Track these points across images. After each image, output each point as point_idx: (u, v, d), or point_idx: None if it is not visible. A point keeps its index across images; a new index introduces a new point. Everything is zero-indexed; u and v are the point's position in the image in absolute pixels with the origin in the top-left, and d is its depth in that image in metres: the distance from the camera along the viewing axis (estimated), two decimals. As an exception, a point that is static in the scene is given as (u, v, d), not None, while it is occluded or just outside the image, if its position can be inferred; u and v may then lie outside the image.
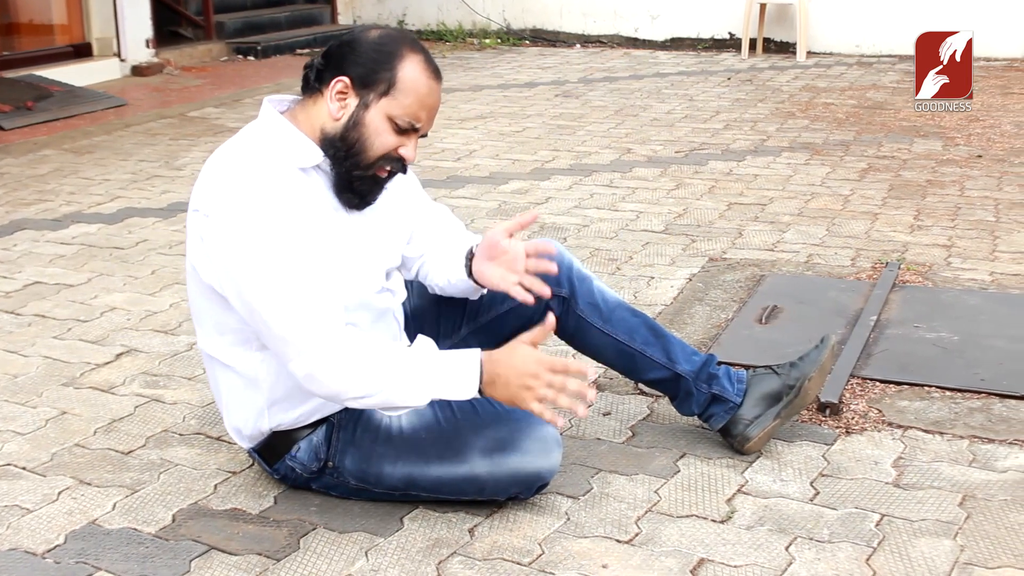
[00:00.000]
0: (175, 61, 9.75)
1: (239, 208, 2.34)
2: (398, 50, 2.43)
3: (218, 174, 2.41)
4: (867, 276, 4.17)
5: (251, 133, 2.48)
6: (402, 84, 2.42)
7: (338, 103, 2.43)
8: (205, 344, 2.59)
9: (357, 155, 2.44)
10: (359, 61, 2.42)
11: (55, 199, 5.61)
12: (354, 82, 2.42)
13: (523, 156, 6.37)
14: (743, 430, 2.81)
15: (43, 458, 2.91)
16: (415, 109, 2.44)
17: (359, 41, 2.45)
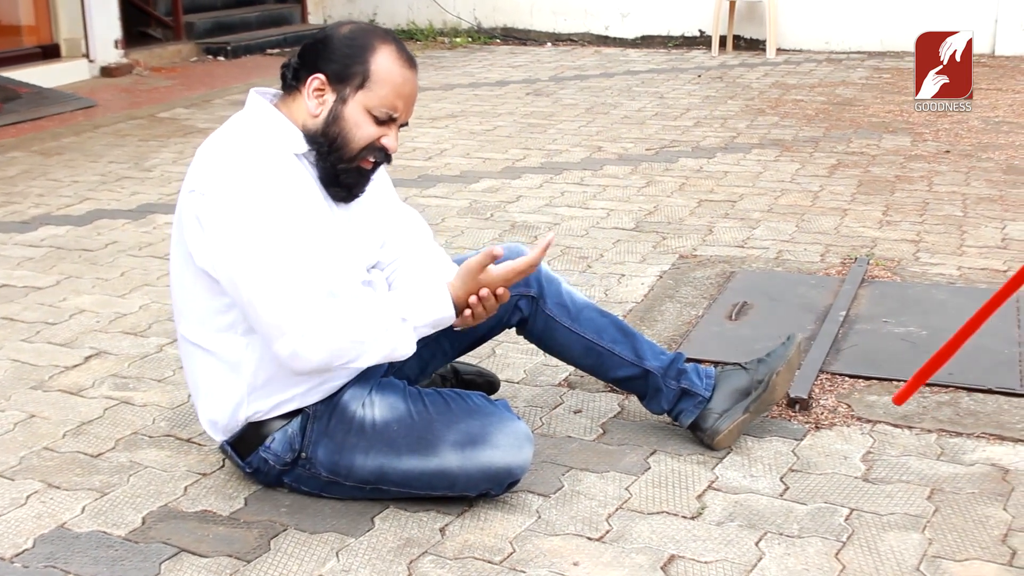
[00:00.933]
0: (144, 62, 9.70)
1: (235, 186, 2.37)
2: (370, 43, 2.48)
3: (213, 156, 2.45)
4: (836, 272, 4.19)
5: (242, 121, 2.52)
6: (376, 76, 2.47)
7: (316, 100, 2.49)
8: (188, 331, 2.59)
9: (340, 149, 2.49)
10: (332, 57, 2.48)
11: (23, 201, 5.57)
12: (329, 78, 2.48)
13: (494, 155, 6.37)
14: (713, 424, 2.82)
15: (11, 462, 2.89)
16: (391, 99, 2.49)
17: (331, 38, 2.50)
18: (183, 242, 2.50)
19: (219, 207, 2.38)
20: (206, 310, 2.53)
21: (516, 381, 3.30)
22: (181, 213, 2.49)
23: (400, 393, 2.59)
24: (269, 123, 2.50)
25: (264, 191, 2.38)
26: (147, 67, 9.66)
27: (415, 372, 2.85)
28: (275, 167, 2.42)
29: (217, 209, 2.38)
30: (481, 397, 2.62)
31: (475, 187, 5.64)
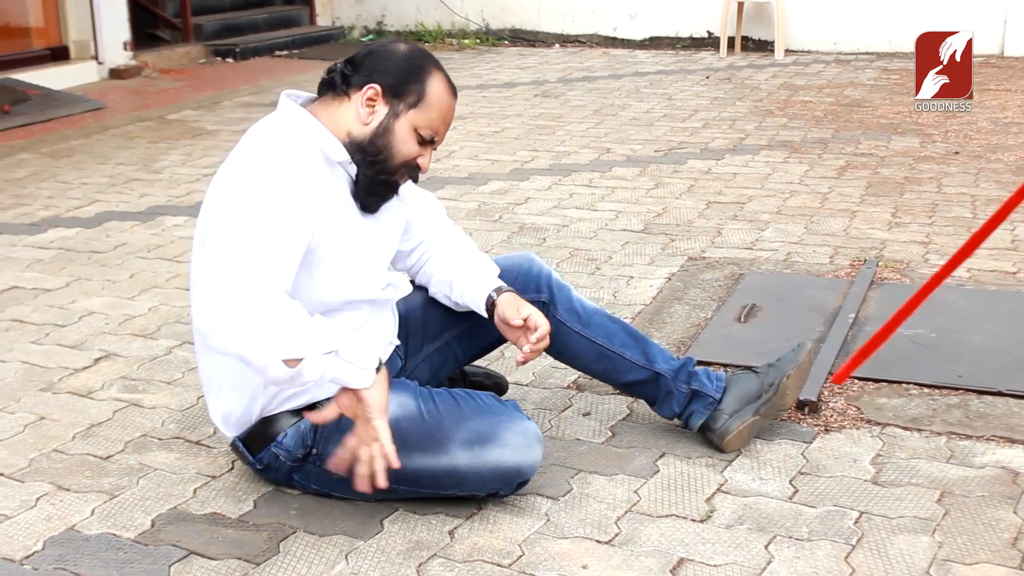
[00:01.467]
0: (153, 63, 9.72)
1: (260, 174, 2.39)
2: (427, 66, 2.56)
3: (248, 154, 2.45)
4: (845, 274, 4.19)
5: (276, 124, 2.52)
6: (429, 98, 2.54)
7: (368, 109, 2.52)
8: None
9: (384, 161, 2.53)
10: (391, 71, 2.52)
11: (33, 203, 5.58)
12: (385, 90, 2.52)
13: (502, 156, 6.37)
14: (723, 424, 2.82)
15: (21, 464, 2.90)
16: (437, 123, 2.57)
17: (391, 52, 2.55)
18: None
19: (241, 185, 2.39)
20: None
21: (525, 383, 3.30)
22: (209, 215, 2.47)
23: (411, 392, 2.60)
24: (304, 128, 2.51)
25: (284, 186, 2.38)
26: (156, 69, 9.68)
27: (426, 377, 2.86)
28: (307, 171, 2.43)
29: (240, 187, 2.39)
30: (491, 396, 2.63)
31: (484, 189, 5.64)
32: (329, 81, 2.57)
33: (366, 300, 2.61)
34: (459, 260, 2.84)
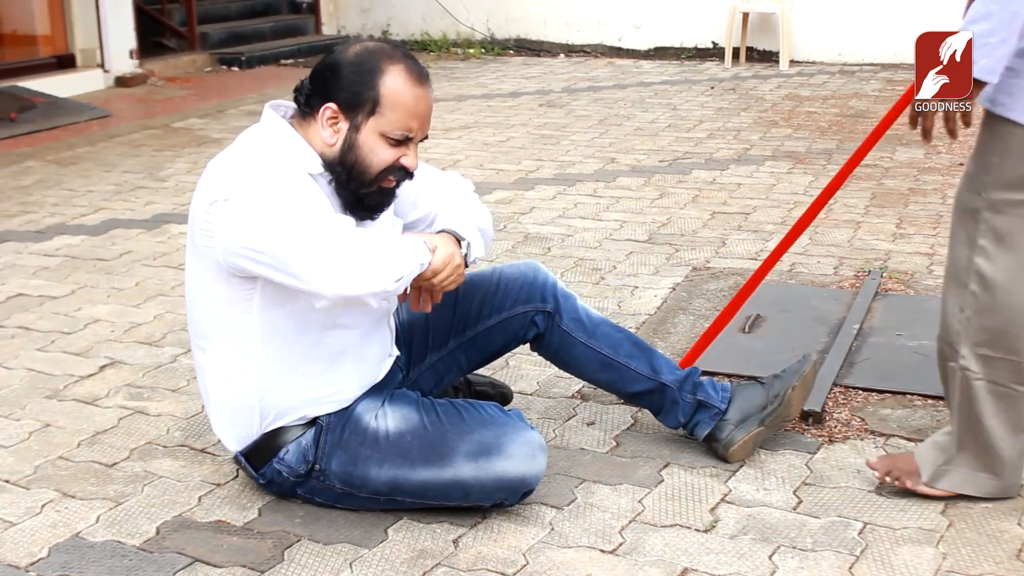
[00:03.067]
0: (159, 72, 9.74)
1: (259, 188, 2.39)
2: (377, 65, 2.46)
3: (232, 166, 2.45)
4: (850, 284, 4.19)
5: (257, 136, 2.52)
6: (387, 99, 2.46)
7: (330, 129, 2.49)
8: (201, 341, 2.60)
9: (359, 176, 2.49)
10: (342, 85, 2.46)
11: (39, 211, 5.60)
12: (341, 107, 2.47)
13: (507, 166, 6.38)
14: (728, 434, 2.83)
15: (26, 471, 2.90)
16: (405, 121, 2.48)
17: (339, 63, 2.48)
18: (200, 254, 2.50)
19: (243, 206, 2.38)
20: (219, 321, 2.54)
21: (529, 393, 3.30)
22: (199, 225, 2.48)
23: (413, 404, 2.60)
24: (284, 142, 2.49)
25: (285, 189, 2.39)
26: (162, 77, 9.70)
27: (430, 385, 2.86)
28: (292, 175, 2.44)
29: (242, 209, 2.38)
30: (494, 407, 2.63)
31: (488, 198, 5.64)
32: (296, 100, 2.54)
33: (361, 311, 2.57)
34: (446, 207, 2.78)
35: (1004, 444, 2.59)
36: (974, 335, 2.55)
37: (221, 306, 2.51)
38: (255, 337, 2.51)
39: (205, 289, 2.53)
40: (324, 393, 2.57)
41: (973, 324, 2.54)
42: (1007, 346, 2.52)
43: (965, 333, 2.56)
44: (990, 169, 2.52)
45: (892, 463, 2.72)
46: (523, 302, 2.81)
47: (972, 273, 2.53)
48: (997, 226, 2.49)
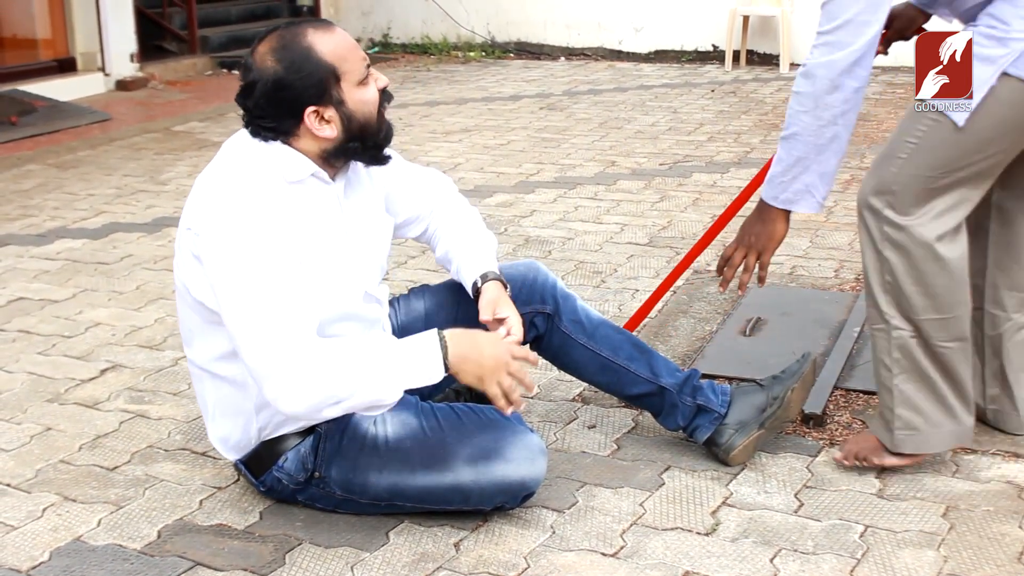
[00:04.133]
0: (159, 75, 9.75)
1: (227, 226, 2.37)
2: (303, 50, 2.45)
3: (207, 193, 2.44)
4: (850, 287, 4.19)
5: (237, 148, 2.51)
6: (336, 62, 2.46)
7: (325, 125, 2.48)
8: (194, 356, 2.60)
9: (369, 129, 2.53)
10: (298, 88, 2.44)
11: (39, 214, 5.60)
12: (317, 102, 2.46)
13: (508, 169, 6.38)
14: (728, 439, 2.82)
15: (27, 475, 2.90)
16: (354, 61, 2.49)
17: (278, 77, 2.43)
18: (178, 274, 2.52)
19: (213, 246, 2.37)
20: (206, 336, 2.54)
21: (530, 396, 3.30)
22: (180, 247, 2.50)
23: (412, 409, 2.59)
24: (265, 152, 2.47)
25: (255, 228, 2.36)
26: (162, 81, 9.71)
27: (429, 388, 2.85)
28: (265, 203, 2.40)
29: (211, 248, 2.38)
30: (494, 411, 2.61)
31: (489, 201, 5.65)
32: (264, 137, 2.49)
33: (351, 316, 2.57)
34: (456, 238, 2.83)
35: (947, 394, 2.72)
36: (898, 299, 2.68)
37: (205, 324, 2.52)
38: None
39: (189, 306, 2.53)
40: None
41: (897, 289, 2.67)
42: (933, 307, 2.66)
43: (891, 296, 2.68)
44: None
45: (855, 445, 2.81)
46: (523, 303, 2.81)
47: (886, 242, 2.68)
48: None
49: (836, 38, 2.58)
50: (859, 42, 2.56)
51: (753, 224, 2.86)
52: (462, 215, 2.88)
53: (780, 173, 2.73)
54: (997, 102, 2.54)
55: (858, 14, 2.55)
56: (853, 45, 2.56)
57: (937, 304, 2.66)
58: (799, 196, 2.73)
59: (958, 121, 2.56)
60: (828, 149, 2.66)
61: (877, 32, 2.58)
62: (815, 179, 2.70)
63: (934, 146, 2.60)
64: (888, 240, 2.65)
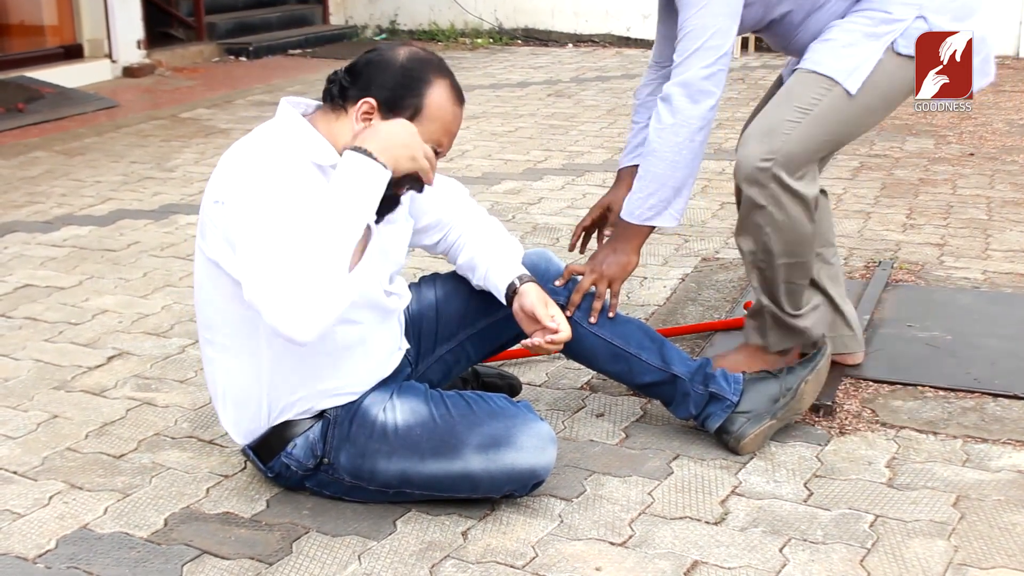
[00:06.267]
0: (166, 62, 9.74)
1: (251, 190, 2.33)
2: (427, 76, 2.45)
3: (236, 165, 2.41)
4: (860, 275, 4.17)
5: (269, 129, 2.48)
6: (428, 111, 2.44)
7: (363, 124, 2.44)
8: (209, 336, 2.58)
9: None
10: (387, 84, 2.43)
11: (46, 201, 5.59)
12: (380, 105, 2.43)
13: (515, 156, 6.36)
14: (739, 428, 2.81)
15: (34, 462, 2.90)
16: (439, 135, 2.47)
17: (388, 62, 2.45)
18: (205, 249, 2.49)
19: (237, 206, 2.34)
20: (226, 315, 2.52)
21: (538, 384, 3.29)
22: (204, 222, 2.47)
23: (422, 396, 2.58)
24: (296, 134, 2.45)
25: (278, 189, 2.32)
26: (169, 67, 9.70)
27: (438, 377, 2.85)
28: (296, 175, 2.38)
29: (235, 208, 2.34)
30: (503, 399, 2.61)
31: (497, 189, 5.63)
32: (328, 92, 2.50)
33: (371, 305, 2.55)
34: (482, 243, 2.81)
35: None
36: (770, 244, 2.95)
37: (228, 301, 2.49)
38: (261, 331, 2.47)
39: (212, 283, 2.50)
40: (332, 386, 2.55)
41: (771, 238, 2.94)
42: (799, 252, 2.98)
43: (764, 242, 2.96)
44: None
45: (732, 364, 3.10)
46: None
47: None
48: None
49: (688, 65, 2.80)
50: (710, 63, 2.80)
51: (607, 254, 2.93)
52: (486, 224, 2.86)
53: (637, 191, 2.89)
54: (883, 73, 2.84)
55: (707, 41, 2.78)
56: (704, 64, 2.80)
57: (802, 250, 2.96)
58: (656, 211, 2.89)
59: (851, 89, 2.83)
60: (685, 165, 2.85)
61: (727, 54, 2.82)
62: (670, 194, 2.87)
63: (825, 112, 2.85)
64: (774, 200, 2.86)
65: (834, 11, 2.92)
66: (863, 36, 2.84)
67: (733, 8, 2.79)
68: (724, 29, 2.78)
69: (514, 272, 2.74)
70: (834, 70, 2.84)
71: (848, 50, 2.85)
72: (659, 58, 3.25)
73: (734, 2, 2.79)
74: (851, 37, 2.86)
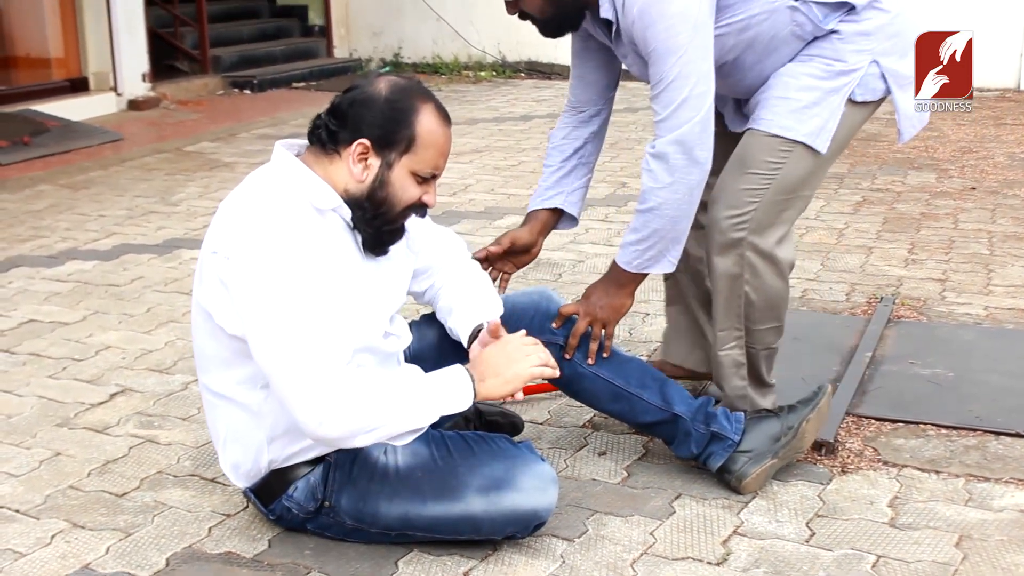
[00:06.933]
0: (171, 95, 9.78)
1: (258, 249, 2.34)
2: (412, 104, 2.46)
3: (236, 216, 2.41)
4: (862, 311, 4.17)
5: (266, 175, 2.49)
6: (421, 139, 2.45)
7: (361, 165, 2.45)
8: (208, 381, 2.59)
9: (387, 212, 2.48)
10: (376, 122, 2.44)
11: (51, 235, 5.61)
12: (374, 144, 2.44)
13: (518, 191, 6.38)
14: (741, 467, 2.81)
15: (36, 500, 2.90)
16: (435, 159, 2.49)
17: (371, 99, 2.45)
18: (200, 298, 2.49)
19: (243, 272, 2.34)
20: (225, 362, 2.52)
21: (540, 422, 3.29)
22: (203, 272, 2.47)
23: (423, 438, 2.57)
24: (295, 179, 2.46)
25: (288, 254, 2.33)
26: (174, 100, 9.74)
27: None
28: (299, 227, 2.38)
29: (241, 274, 2.35)
30: (504, 439, 2.61)
31: (499, 223, 5.64)
32: (315, 135, 2.51)
33: (368, 349, 2.55)
34: (463, 291, 2.80)
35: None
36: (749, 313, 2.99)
37: (225, 350, 2.49)
38: (259, 380, 2.48)
39: (208, 331, 2.51)
40: None
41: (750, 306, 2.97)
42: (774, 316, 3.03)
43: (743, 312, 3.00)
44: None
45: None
46: (535, 332, 2.79)
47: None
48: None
49: (678, 118, 2.72)
50: (700, 113, 2.71)
51: (600, 296, 2.92)
52: (468, 272, 2.86)
53: (635, 242, 2.88)
54: (844, 125, 2.88)
55: (692, 89, 2.70)
56: (696, 117, 2.71)
57: (780, 312, 3.00)
58: (654, 261, 2.88)
59: (822, 150, 2.86)
60: (684, 217, 2.81)
61: (712, 96, 2.73)
62: (669, 244, 2.85)
63: (792, 173, 2.86)
64: (750, 266, 2.88)
65: (784, 55, 2.88)
66: (825, 93, 2.83)
67: (708, 50, 2.72)
68: (705, 73, 2.72)
69: (482, 318, 2.73)
70: (803, 134, 2.83)
71: (812, 110, 2.83)
72: (577, 103, 3.18)
73: (707, 44, 2.72)
74: (812, 96, 2.83)
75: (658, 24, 2.67)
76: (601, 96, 3.16)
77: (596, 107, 3.17)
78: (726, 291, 2.93)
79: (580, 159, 3.19)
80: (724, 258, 2.89)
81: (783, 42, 2.85)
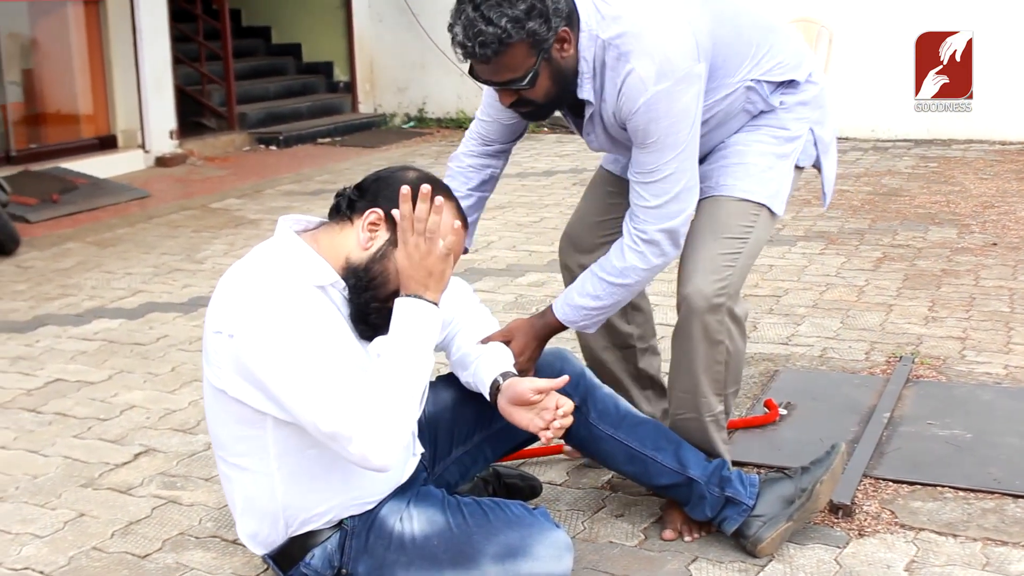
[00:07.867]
0: (198, 151, 9.91)
1: (261, 321, 2.37)
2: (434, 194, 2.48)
3: (236, 294, 2.45)
4: (881, 371, 4.18)
5: (265, 251, 2.53)
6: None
7: (369, 234, 2.50)
8: (222, 453, 2.62)
9: (377, 288, 2.50)
10: (393, 197, 2.48)
11: (78, 293, 5.69)
12: (387, 216, 2.50)
13: (540, 247, 6.42)
14: (756, 532, 2.82)
15: (60, 562, 2.94)
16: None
17: (397, 179, 2.52)
18: (210, 377, 2.52)
19: (253, 343, 2.37)
20: (235, 435, 2.55)
21: (558, 484, 3.31)
22: (208, 351, 2.50)
23: (439, 505, 2.60)
24: (293, 255, 2.49)
25: (292, 319, 2.36)
26: (200, 157, 9.86)
27: (455, 478, 2.88)
28: (298, 298, 2.41)
29: (251, 345, 2.38)
30: (520, 507, 2.62)
31: (521, 281, 5.69)
32: (336, 206, 2.57)
33: None
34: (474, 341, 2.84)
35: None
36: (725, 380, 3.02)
37: (236, 424, 2.52)
38: (271, 453, 2.51)
39: (221, 407, 2.54)
40: (347, 499, 2.57)
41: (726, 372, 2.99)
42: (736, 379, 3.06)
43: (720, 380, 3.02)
44: None
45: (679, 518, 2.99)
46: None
47: None
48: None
49: (670, 210, 2.82)
50: (690, 206, 2.85)
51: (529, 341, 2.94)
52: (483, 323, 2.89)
53: (592, 308, 2.92)
54: (791, 188, 3.05)
55: (685, 184, 2.81)
56: (686, 209, 2.85)
57: (739, 375, 3.06)
58: (594, 325, 2.99)
59: (779, 212, 3.01)
60: (639, 289, 3.00)
61: (698, 189, 2.87)
62: (612, 312, 3.00)
63: (761, 236, 2.99)
64: (727, 331, 2.92)
65: (733, 126, 3.00)
66: (776, 158, 2.98)
67: (698, 145, 2.84)
68: (695, 168, 2.84)
69: (499, 368, 2.77)
70: (763, 196, 2.95)
71: (768, 174, 2.96)
72: (488, 139, 3.20)
73: (698, 139, 2.83)
74: (766, 161, 2.97)
75: (663, 120, 2.73)
76: (511, 138, 3.22)
77: (504, 145, 3.23)
78: (706, 359, 2.92)
79: (484, 191, 3.26)
80: (706, 325, 2.90)
81: (733, 116, 2.98)
